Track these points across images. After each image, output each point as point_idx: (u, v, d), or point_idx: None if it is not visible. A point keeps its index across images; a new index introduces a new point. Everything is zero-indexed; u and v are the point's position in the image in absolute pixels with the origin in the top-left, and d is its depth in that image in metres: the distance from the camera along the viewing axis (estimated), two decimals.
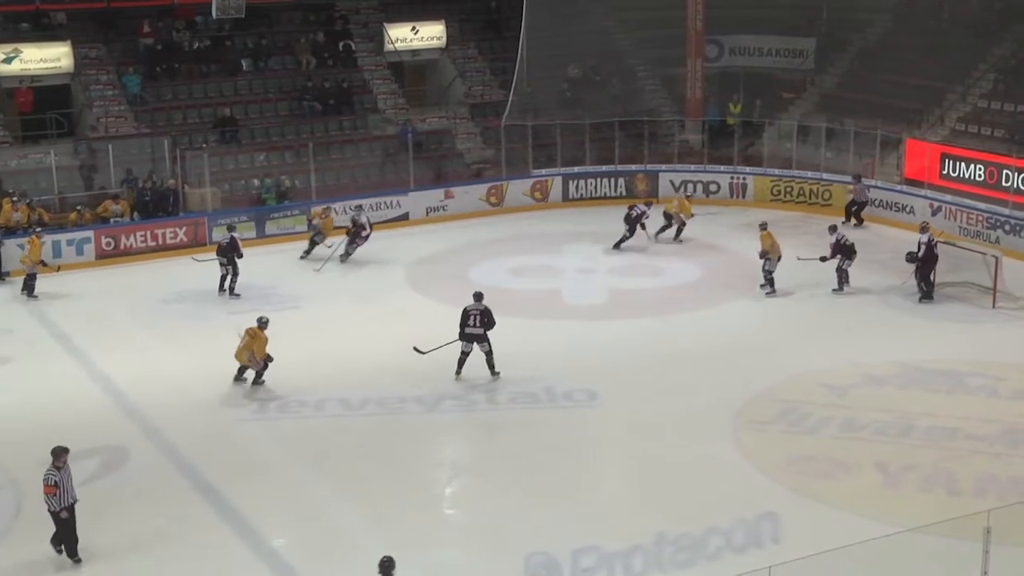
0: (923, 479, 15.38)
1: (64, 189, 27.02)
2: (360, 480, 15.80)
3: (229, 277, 23.50)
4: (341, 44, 32.95)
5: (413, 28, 33.59)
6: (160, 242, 26.49)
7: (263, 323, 18.77)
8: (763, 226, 23.55)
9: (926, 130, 29.67)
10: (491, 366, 18.87)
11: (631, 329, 21.40)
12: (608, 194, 30.75)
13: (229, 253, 23.48)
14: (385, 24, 33.37)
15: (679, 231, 27.08)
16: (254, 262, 25.59)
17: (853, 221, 27.84)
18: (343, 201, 28.16)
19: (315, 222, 26.09)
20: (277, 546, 14.19)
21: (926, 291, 22.36)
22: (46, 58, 29.35)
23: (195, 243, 26.69)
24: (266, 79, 31.59)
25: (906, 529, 12.65)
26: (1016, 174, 25.98)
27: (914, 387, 18.46)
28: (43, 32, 29.90)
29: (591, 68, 34.31)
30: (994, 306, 21.92)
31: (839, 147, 29.85)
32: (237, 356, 18.66)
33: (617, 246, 26.37)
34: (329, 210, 26.27)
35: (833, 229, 23.62)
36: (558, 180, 30.69)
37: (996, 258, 22.29)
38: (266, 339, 18.61)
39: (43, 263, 23.67)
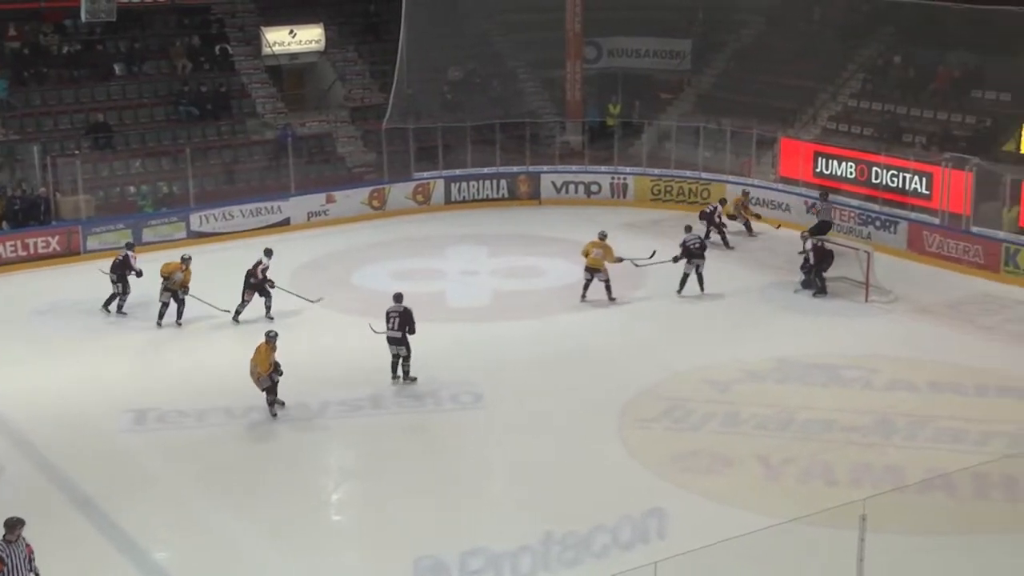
0: (802, 471, 15.73)
1: None
2: (245, 489, 15.57)
3: (119, 296, 22.41)
4: (217, 48, 32.44)
5: (291, 31, 33.21)
6: (32, 252, 25.74)
7: (271, 338, 17.66)
8: (602, 236, 22.74)
9: (799, 129, 30.37)
10: (405, 372, 18.66)
11: (515, 330, 21.48)
12: (491, 196, 30.82)
13: (121, 270, 22.42)
14: (262, 27, 32.94)
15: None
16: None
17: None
18: (223, 207, 27.77)
19: (176, 277, 21.95)
20: (160, 559, 13.92)
21: (820, 287, 22.86)
22: None
23: (69, 252, 26.03)
24: (140, 84, 30.92)
25: (787, 520, 12.90)
26: (885, 171, 26.73)
27: (792, 381, 18.87)
28: None
29: (471, 71, 34.37)
30: (867, 300, 22.52)
31: (716, 146, 30.38)
32: (260, 369, 17.53)
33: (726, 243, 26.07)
34: (188, 262, 22.55)
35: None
36: (440, 183, 30.65)
37: (868, 253, 22.91)
38: (269, 352, 17.50)
39: None
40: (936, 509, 14.58)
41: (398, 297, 18.81)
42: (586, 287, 22.75)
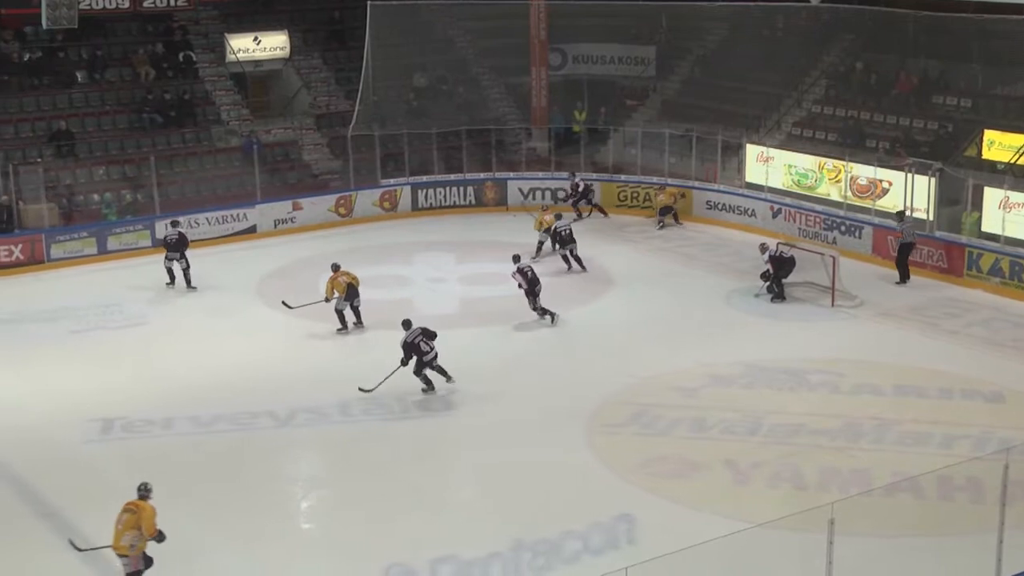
0: (771, 475, 15.81)
1: None
2: (213, 498, 15.48)
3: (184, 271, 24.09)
4: (181, 55, 32.24)
5: (255, 38, 33.07)
6: None
7: (145, 491, 13.31)
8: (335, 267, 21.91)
9: (764, 135, 30.56)
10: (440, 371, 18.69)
11: (482, 336, 21.47)
12: (457, 203, 30.82)
13: (181, 248, 24.09)
14: (226, 34, 32.78)
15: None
16: (96, 279, 25.02)
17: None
18: (189, 215, 27.60)
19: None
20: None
21: (778, 292, 22.98)
22: None
23: (32, 261, 25.82)
24: (103, 91, 30.69)
25: (756, 525, 12.96)
26: (848, 176, 26.94)
27: (760, 386, 18.96)
28: None
29: (437, 77, 34.37)
30: (833, 305, 22.67)
31: (682, 152, 30.51)
32: (115, 545, 12.96)
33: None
34: None
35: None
36: (407, 190, 30.63)
37: (834, 258, 23.06)
38: (154, 511, 13.08)
39: None
40: (903, 511, 14.70)
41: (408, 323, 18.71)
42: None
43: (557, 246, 25.60)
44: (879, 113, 29.47)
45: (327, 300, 21.39)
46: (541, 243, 26.11)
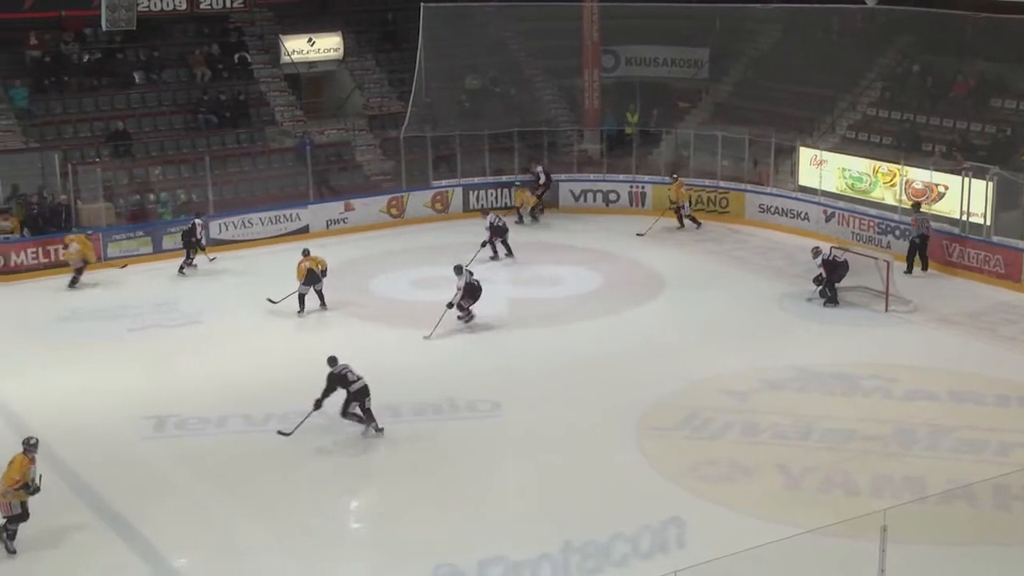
0: (822, 481, 15.67)
1: None
2: (264, 497, 15.60)
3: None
4: (236, 56, 32.56)
5: (310, 40, 33.32)
6: (53, 259, 25.85)
7: (26, 446, 14.16)
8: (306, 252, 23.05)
9: (818, 138, 30.33)
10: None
11: (533, 338, 21.48)
12: (509, 204, 30.84)
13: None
14: (281, 36, 33.06)
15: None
16: (151, 277, 25.31)
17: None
18: (242, 215, 27.90)
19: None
20: (179, 567, 13.95)
21: (831, 296, 22.79)
22: None
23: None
24: (160, 92, 31.06)
25: (807, 531, 12.87)
26: (904, 180, 26.67)
27: (812, 390, 18.81)
28: None
29: (489, 79, 34.41)
30: (886, 309, 22.44)
31: (735, 155, 30.34)
32: None
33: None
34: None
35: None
36: (458, 191, 30.70)
37: (887, 262, 22.84)
38: (21, 463, 13.93)
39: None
40: (957, 520, 14.51)
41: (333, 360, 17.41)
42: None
43: (494, 237, 26.08)
44: (935, 116, 29.15)
45: (299, 292, 22.52)
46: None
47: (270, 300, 22.85)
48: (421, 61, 31.60)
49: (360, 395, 17.08)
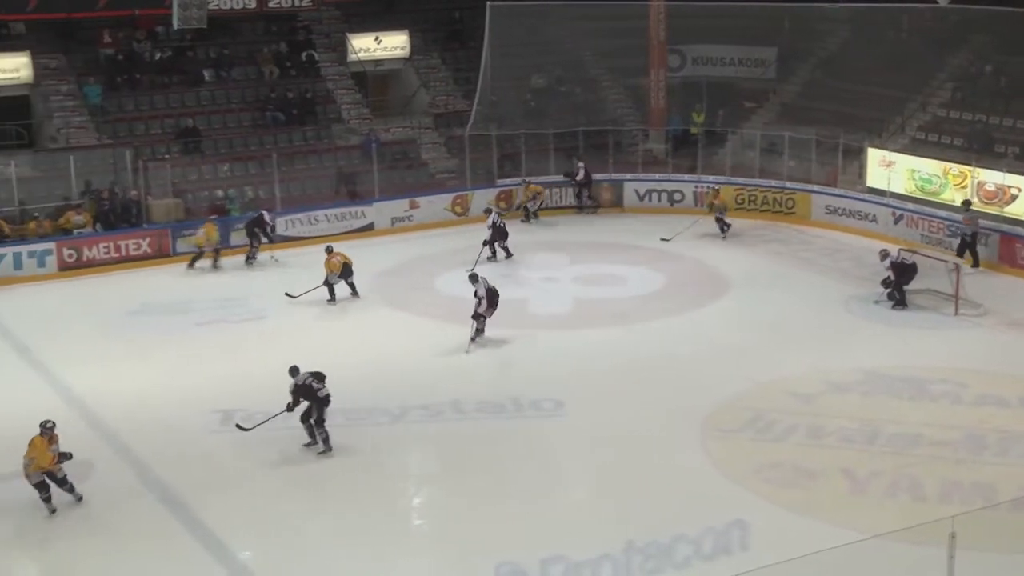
0: (888, 485, 15.48)
1: (24, 200, 26.71)
2: (327, 492, 15.73)
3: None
4: (304, 54, 32.86)
5: (376, 38, 33.55)
6: (123, 253, 26.29)
7: (43, 428, 15.12)
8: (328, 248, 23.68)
9: (887, 139, 29.95)
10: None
11: (597, 338, 21.43)
12: (572, 203, 30.80)
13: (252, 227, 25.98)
14: (348, 34, 33.32)
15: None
16: (219, 273, 25.62)
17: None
18: (308, 211, 28.17)
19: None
20: (244, 559, 14.11)
21: (899, 299, 22.52)
22: (5, 68, 29.13)
23: (159, 254, 26.54)
24: (229, 89, 31.45)
25: (872, 536, 12.72)
26: (975, 181, 26.26)
27: (878, 394, 18.59)
28: (2, 43, 29.65)
29: (555, 78, 34.40)
30: (956, 313, 22.11)
31: (801, 156, 30.06)
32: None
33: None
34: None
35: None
36: (522, 190, 30.69)
37: (957, 266, 22.51)
38: (47, 444, 14.99)
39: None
40: None
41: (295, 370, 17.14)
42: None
43: (495, 239, 25.88)
44: (1008, 117, 28.63)
45: (327, 283, 23.06)
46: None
47: (288, 295, 23.36)
48: (487, 59, 31.66)
49: (321, 405, 16.69)
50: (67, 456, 15.15)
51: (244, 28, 33.02)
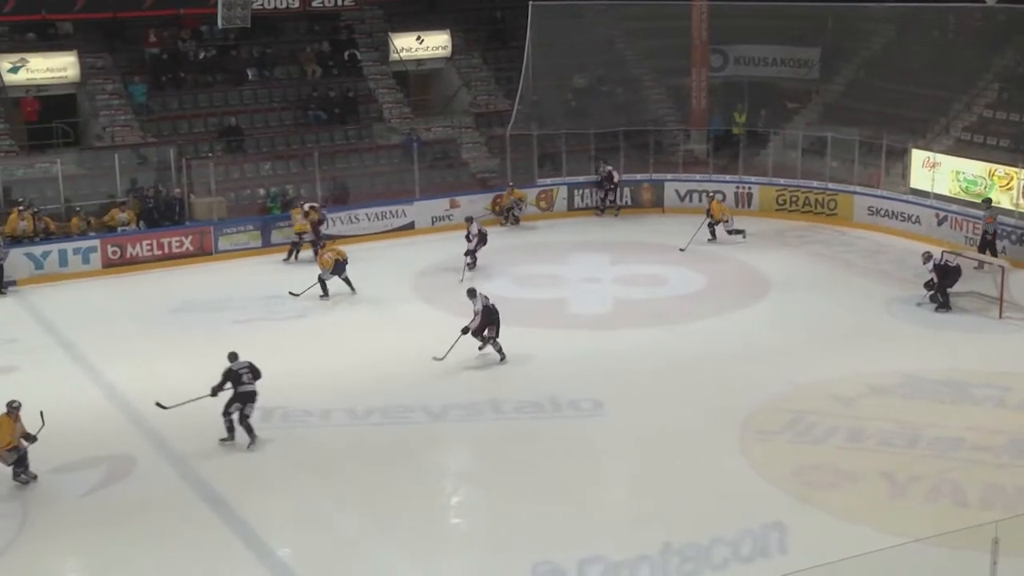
0: (929, 490, 15.34)
1: (70, 198, 27.02)
2: (366, 490, 15.79)
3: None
4: (346, 53, 33.00)
5: (418, 38, 33.65)
6: (166, 251, 26.53)
7: (13, 408, 15.64)
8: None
9: (931, 140, 29.68)
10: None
11: (636, 338, 21.40)
12: (594, 205, 30.75)
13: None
14: (390, 34, 33.44)
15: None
16: (260, 271, 25.74)
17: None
18: (349, 210, 28.32)
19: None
20: (283, 556, 14.18)
21: (943, 302, 22.30)
22: (52, 68, 29.41)
23: (201, 252, 26.75)
24: (271, 88, 31.64)
25: (913, 540, 12.62)
26: (1021, 183, 25.97)
27: (920, 397, 18.43)
28: (49, 42, 29.99)
29: (596, 78, 34.36)
30: (1000, 316, 21.89)
31: (844, 157, 29.85)
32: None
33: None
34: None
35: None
36: (563, 189, 30.73)
37: (1002, 268, 22.27)
38: (9, 424, 15.54)
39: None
40: None
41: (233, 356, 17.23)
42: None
43: (479, 247, 25.47)
44: None
45: (320, 279, 23.47)
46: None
47: (292, 293, 23.73)
48: (528, 59, 31.67)
49: (244, 399, 16.69)
50: (32, 439, 15.66)
51: (287, 27, 33.19)
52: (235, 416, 16.81)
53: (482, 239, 25.70)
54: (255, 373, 16.92)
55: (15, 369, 20.10)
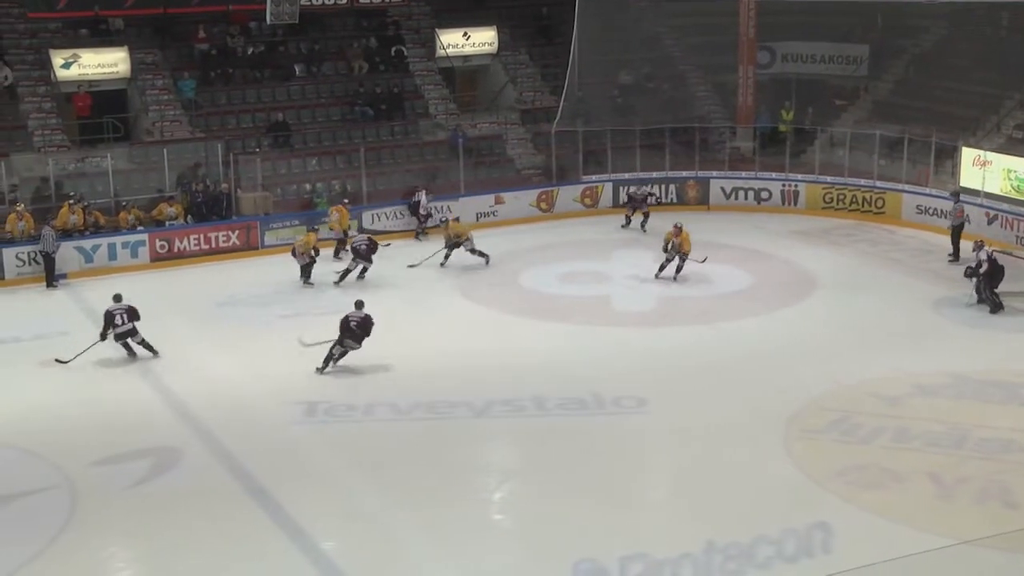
0: (977, 491, 15.17)
1: (120, 192, 27.31)
2: (409, 484, 15.83)
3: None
4: (393, 49, 33.11)
5: (465, 34, 33.70)
6: (213, 245, 26.75)
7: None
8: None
9: (982, 138, 29.34)
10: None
11: (680, 336, 21.33)
12: (659, 201, 30.63)
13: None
14: (437, 30, 33.51)
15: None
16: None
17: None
18: (394, 206, 28.43)
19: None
20: (327, 549, 14.25)
21: (997, 303, 22.03)
22: (104, 63, 29.74)
23: (247, 246, 26.95)
24: (319, 84, 31.81)
25: (961, 542, 12.50)
26: None
27: (967, 398, 18.24)
28: (101, 38, 30.33)
29: (642, 74, 34.26)
30: None
31: (893, 155, 29.57)
32: None
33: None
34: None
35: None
36: (608, 186, 30.66)
37: None
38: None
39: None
40: None
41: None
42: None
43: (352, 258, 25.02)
44: None
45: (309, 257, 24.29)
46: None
47: (305, 281, 24.54)
48: (575, 55, 31.62)
49: (123, 336, 19.89)
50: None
51: (335, 23, 33.33)
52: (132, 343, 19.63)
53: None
54: (132, 313, 20.02)
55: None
